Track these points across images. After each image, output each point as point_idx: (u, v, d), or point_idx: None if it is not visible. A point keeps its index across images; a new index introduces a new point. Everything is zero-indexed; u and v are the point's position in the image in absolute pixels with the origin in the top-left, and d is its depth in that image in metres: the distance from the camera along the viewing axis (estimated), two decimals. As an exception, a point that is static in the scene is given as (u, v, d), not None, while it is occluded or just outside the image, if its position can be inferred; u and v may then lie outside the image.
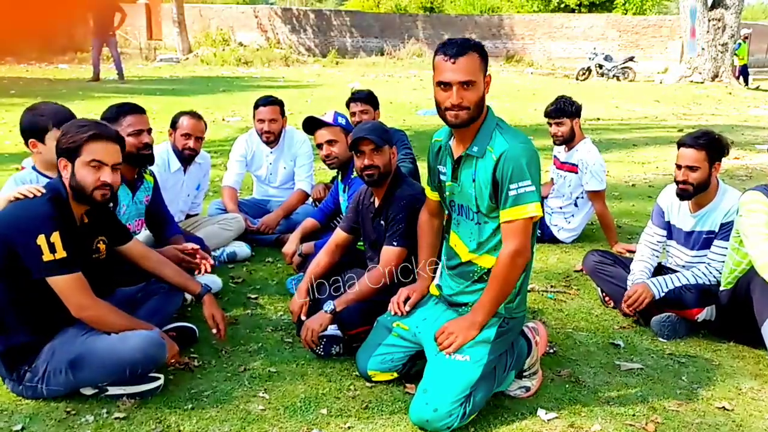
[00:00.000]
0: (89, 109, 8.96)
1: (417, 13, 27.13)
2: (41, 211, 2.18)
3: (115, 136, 2.32)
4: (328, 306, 2.60)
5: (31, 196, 2.21)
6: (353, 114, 4.14)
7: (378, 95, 4.31)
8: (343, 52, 24.01)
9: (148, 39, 22.54)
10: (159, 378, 2.32)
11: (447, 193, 2.35)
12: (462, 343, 2.19)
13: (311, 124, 3.29)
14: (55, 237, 2.15)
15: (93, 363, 2.19)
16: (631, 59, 19.14)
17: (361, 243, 3.11)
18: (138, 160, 2.92)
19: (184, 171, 3.62)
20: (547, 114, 4.06)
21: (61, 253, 2.15)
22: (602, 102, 11.51)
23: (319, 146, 3.32)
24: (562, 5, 28.18)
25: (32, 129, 2.68)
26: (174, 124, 3.56)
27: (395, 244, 2.64)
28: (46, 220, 2.16)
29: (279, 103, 4.08)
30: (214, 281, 3.21)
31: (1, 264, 2.19)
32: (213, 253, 3.60)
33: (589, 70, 19.18)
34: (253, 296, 3.27)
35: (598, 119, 9.31)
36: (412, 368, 2.47)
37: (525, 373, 2.41)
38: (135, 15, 21.41)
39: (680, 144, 2.99)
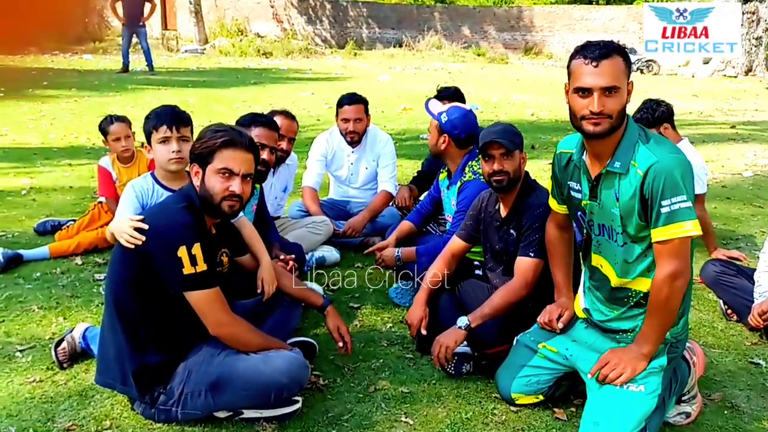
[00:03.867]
0: (125, 101, 8.83)
1: (431, 3, 26.81)
2: (181, 221, 2.01)
3: (249, 144, 2.14)
4: (462, 322, 2.44)
5: (132, 246, 2.02)
6: (439, 113, 3.95)
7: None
8: (360, 43, 23.76)
9: (162, 29, 22.32)
10: (297, 401, 2.16)
11: (586, 213, 2.14)
12: (631, 375, 2.00)
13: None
14: (197, 249, 1.98)
15: (236, 386, 2.03)
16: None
17: (473, 253, 2.95)
18: None
19: (273, 173, 3.46)
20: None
21: (201, 266, 2.00)
22: (641, 97, 11.28)
23: None
24: (581, -4, 27.81)
25: (145, 133, 2.53)
26: None
27: (531, 254, 2.47)
28: (186, 230, 2.00)
29: (364, 102, 3.90)
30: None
31: (135, 277, 2.04)
32: (303, 258, 3.44)
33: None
34: (355, 305, 3.11)
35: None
36: (557, 391, 2.31)
37: (684, 398, 2.25)
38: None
39: None
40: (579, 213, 2.18)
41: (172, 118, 2.48)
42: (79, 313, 2.89)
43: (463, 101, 4.09)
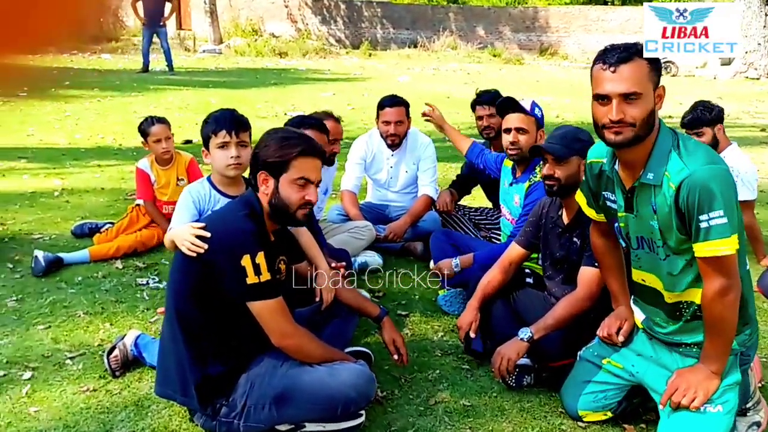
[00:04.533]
0: (148, 101, 8.81)
1: (444, 4, 26.70)
2: (245, 229, 1.96)
3: (322, 152, 2.11)
4: (524, 333, 2.37)
5: (194, 254, 1.96)
6: (480, 118, 3.88)
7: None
8: (375, 43, 23.70)
9: (177, 29, 22.35)
10: (361, 415, 2.10)
11: (621, 224, 2.05)
12: (704, 399, 1.92)
13: (507, 105, 3.06)
14: (261, 257, 1.93)
15: (301, 399, 1.97)
16: (674, 54, 18.72)
17: (530, 261, 2.88)
18: None
19: (316, 176, 3.39)
20: (684, 125, 3.76)
21: (265, 276, 1.94)
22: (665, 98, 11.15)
23: (506, 131, 3.07)
24: (596, -4, 27.61)
25: (203, 138, 2.47)
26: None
27: (597, 264, 2.39)
28: (250, 239, 1.94)
29: (405, 104, 3.83)
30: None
31: (196, 286, 1.98)
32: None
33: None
34: (402, 313, 3.05)
35: (671, 117, 8.97)
36: (627, 407, 2.23)
37: (748, 405, 2.14)
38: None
39: None
40: (616, 224, 2.09)
41: (231, 122, 2.42)
42: (125, 319, 2.84)
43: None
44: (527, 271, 2.93)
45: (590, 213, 2.22)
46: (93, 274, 3.29)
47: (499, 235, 3.64)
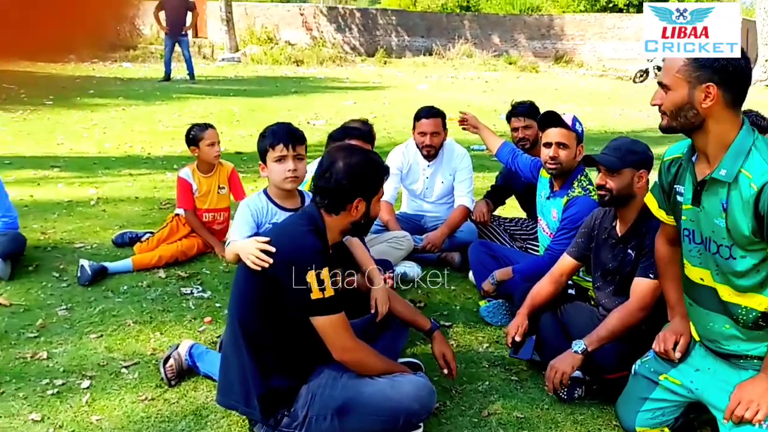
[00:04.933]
0: (171, 110, 8.91)
1: (458, 12, 26.76)
2: (311, 245, 1.99)
3: None
4: (578, 345, 2.38)
5: (259, 268, 1.99)
6: (515, 130, 3.89)
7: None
8: (389, 51, 23.79)
9: (193, 37, 22.53)
10: (420, 426, 2.12)
11: (683, 218, 2.04)
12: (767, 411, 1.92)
13: (548, 120, 3.06)
14: (325, 273, 1.96)
15: (364, 411, 2.00)
16: (691, 61, 18.63)
17: (578, 275, 2.90)
18: None
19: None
20: None
21: (329, 291, 1.97)
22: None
23: (547, 145, 3.07)
24: (610, 5, 27.57)
25: (259, 152, 2.51)
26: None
27: (652, 276, 2.39)
28: (316, 255, 1.97)
29: (441, 115, 3.85)
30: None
31: (261, 299, 2.02)
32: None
33: (646, 72, 18.69)
34: (445, 324, 3.06)
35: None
36: (684, 422, 2.22)
37: None
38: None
39: None
40: (681, 219, 2.08)
41: (288, 136, 2.46)
42: (173, 329, 2.87)
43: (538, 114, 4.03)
44: (569, 282, 2.94)
45: (660, 215, 2.19)
46: (137, 283, 3.33)
47: (535, 245, 3.66)
